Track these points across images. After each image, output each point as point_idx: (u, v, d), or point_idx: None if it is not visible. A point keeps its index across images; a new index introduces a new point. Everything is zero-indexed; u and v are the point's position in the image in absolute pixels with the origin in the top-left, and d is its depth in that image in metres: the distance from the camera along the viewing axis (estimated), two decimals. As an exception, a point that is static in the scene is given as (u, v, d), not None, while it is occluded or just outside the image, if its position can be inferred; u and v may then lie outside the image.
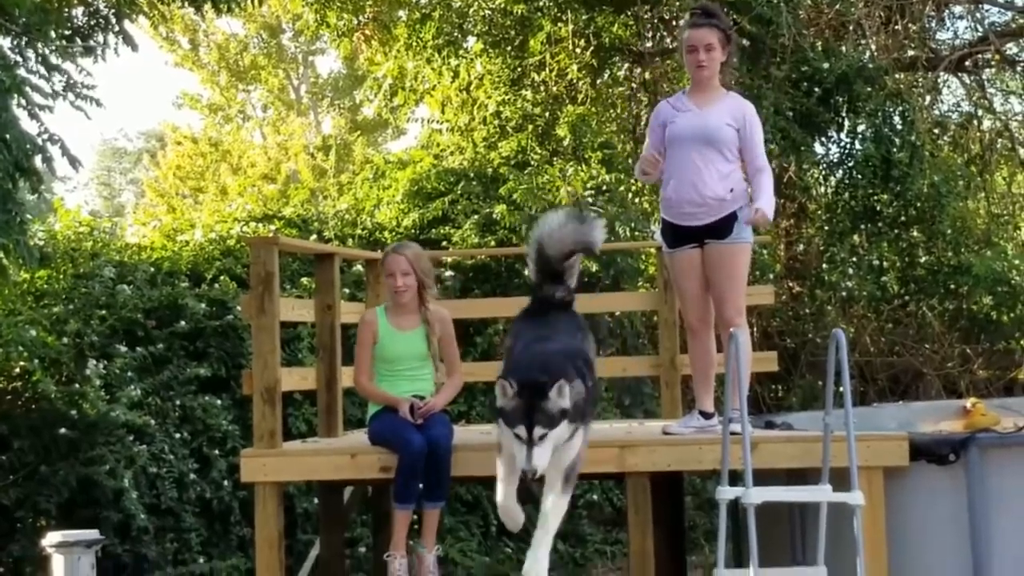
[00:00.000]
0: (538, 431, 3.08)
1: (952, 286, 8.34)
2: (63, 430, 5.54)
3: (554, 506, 3.30)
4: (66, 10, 6.02)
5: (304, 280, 6.51)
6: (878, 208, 8.25)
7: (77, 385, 5.70)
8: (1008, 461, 3.78)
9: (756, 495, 3.55)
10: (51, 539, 3.64)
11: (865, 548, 3.51)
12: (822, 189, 9.12)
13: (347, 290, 5.87)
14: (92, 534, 3.72)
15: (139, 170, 23.88)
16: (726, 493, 3.70)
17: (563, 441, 3.18)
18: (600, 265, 7.24)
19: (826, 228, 8.61)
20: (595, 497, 7.02)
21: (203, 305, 6.20)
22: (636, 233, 7.55)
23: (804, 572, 3.74)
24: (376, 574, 4.98)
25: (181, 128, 16.21)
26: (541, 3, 8.89)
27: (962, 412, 5.21)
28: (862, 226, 8.36)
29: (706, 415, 4.11)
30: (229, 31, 16.06)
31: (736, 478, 3.70)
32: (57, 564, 3.57)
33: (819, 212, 8.88)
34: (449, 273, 7.09)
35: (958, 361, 8.46)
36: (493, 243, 7.36)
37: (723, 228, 3.99)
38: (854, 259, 8.42)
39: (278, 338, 4.14)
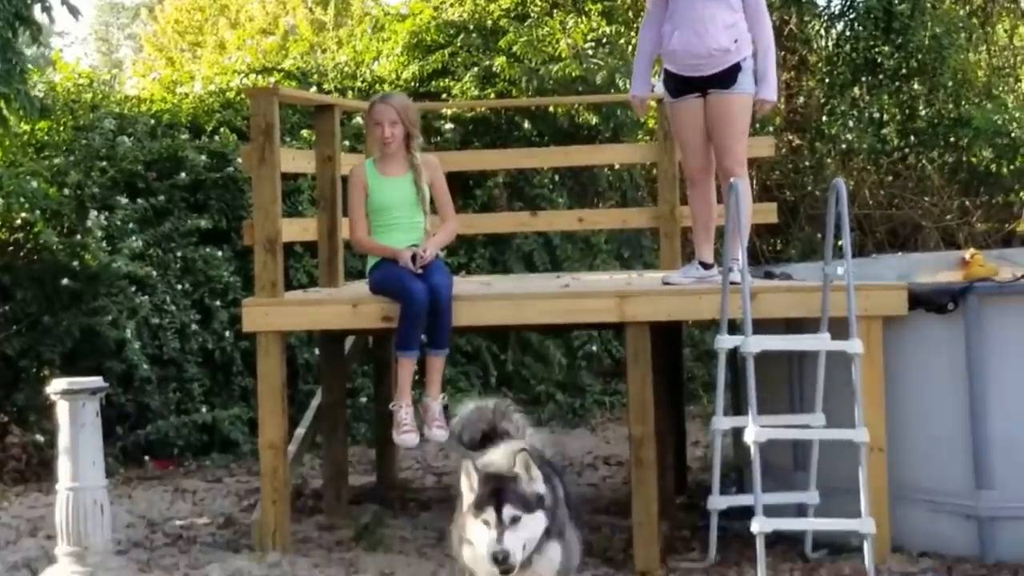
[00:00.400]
0: (509, 511, 2.72)
1: (952, 139, 8.38)
2: (65, 281, 5.65)
3: None
4: None
5: (304, 132, 6.49)
6: (879, 60, 8.24)
7: (78, 236, 5.76)
8: (1006, 310, 3.82)
9: (755, 344, 3.61)
10: (56, 386, 3.68)
11: (863, 396, 3.59)
12: (823, 41, 9.14)
13: (347, 143, 5.80)
14: (97, 381, 3.77)
15: (137, 25, 23.72)
16: (725, 342, 3.75)
17: (536, 537, 2.75)
18: (600, 118, 7.22)
19: (827, 80, 8.61)
20: (594, 348, 7.17)
21: (203, 157, 6.19)
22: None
23: (802, 419, 3.84)
24: (378, 424, 5.12)
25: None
26: None
27: (961, 263, 5.22)
28: (863, 78, 8.36)
29: (706, 265, 4.13)
30: None
31: (735, 328, 3.75)
32: (62, 410, 3.63)
33: (820, 64, 8.84)
34: (449, 126, 7.11)
35: (957, 214, 8.51)
36: (493, 95, 7.30)
37: (727, 78, 3.98)
38: (854, 111, 8.47)
39: (279, 188, 4.11)
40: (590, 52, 7.56)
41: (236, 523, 4.56)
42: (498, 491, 2.75)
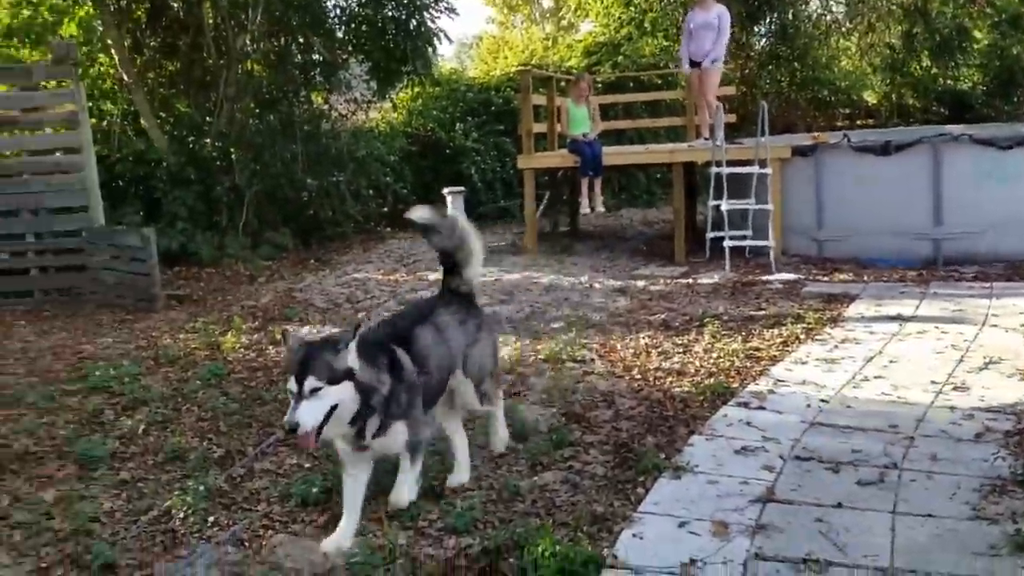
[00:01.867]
0: (310, 382, 2.93)
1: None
2: (448, 151, 12.14)
3: (404, 473, 3.44)
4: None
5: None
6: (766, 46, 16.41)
7: (455, 133, 12.23)
8: (830, 155, 9.20)
9: (726, 171, 9.18)
10: (445, 191, 9.96)
11: (771, 191, 9.06)
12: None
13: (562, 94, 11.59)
14: (461, 189, 9.93)
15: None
16: (713, 170, 9.33)
17: (349, 403, 3.05)
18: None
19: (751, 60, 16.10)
20: (658, 175, 12.92)
21: (500, 101, 12.92)
22: None
23: (746, 202, 9.37)
24: (571, 207, 11.13)
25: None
26: None
27: (812, 138, 10.42)
28: (769, 64, 16.75)
29: (705, 138, 9.70)
30: None
31: (719, 165, 9.30)
32: (449, 200, 9.76)
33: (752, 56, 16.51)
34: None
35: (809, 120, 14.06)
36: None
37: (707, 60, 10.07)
38: (767, 70, 17.17)
39: (531, 113, 10.02)
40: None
41: (517, 245, 10.52)
42: (303, 361, 2.97)
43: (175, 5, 11.40)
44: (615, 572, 3.05)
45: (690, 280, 8.32)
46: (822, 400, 4.77)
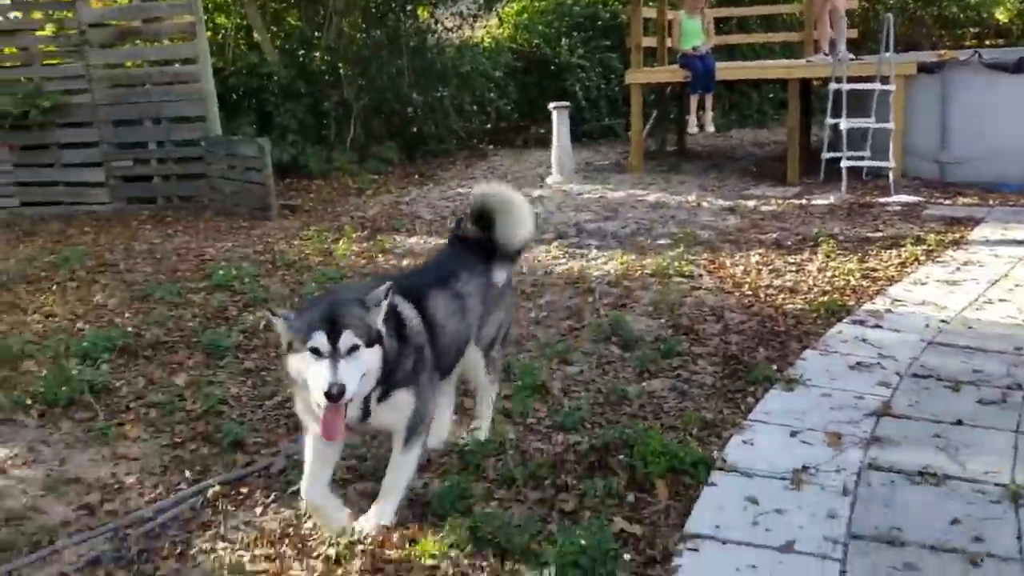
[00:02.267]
0: (347, 339, 2.37)
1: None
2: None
3: (399, 465, 2.73)
4: None
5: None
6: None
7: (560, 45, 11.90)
8: (959, 72, 8.65)
9: (846, 86, 8.75)
10: (551, 105, 9.81)
11: (894, 109, 8.62)
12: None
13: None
14: (566, 103, 9.75)
15: None
16: (832, 86, 8.91)
17: (375, 373, 2.47)
18: None
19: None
20: (771, 95, 12.46)
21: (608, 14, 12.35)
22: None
23: (866, 120, 8.94)
24: (678, 125, 10.92)
25: None
26: None
27: (937, 56, 9.70)
28: None
29: (825, 53, 9.24)
30: None
31: (837, 82, 8.87)
32: (555, 116, 9.80)
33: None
34: None
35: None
36: None
37: None
38: None
39: (641, 25, 9.74)
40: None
41: (622, 164, 10.40)
42: (333, 316, 2.39)
43: (287, -82, 11.43)
44: (724, 474, 3.06)
45: (803, 201, 8.07)
46: (942, 320, 4.60)
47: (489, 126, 12.75)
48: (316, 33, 11.14)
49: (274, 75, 10.42)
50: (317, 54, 10.86)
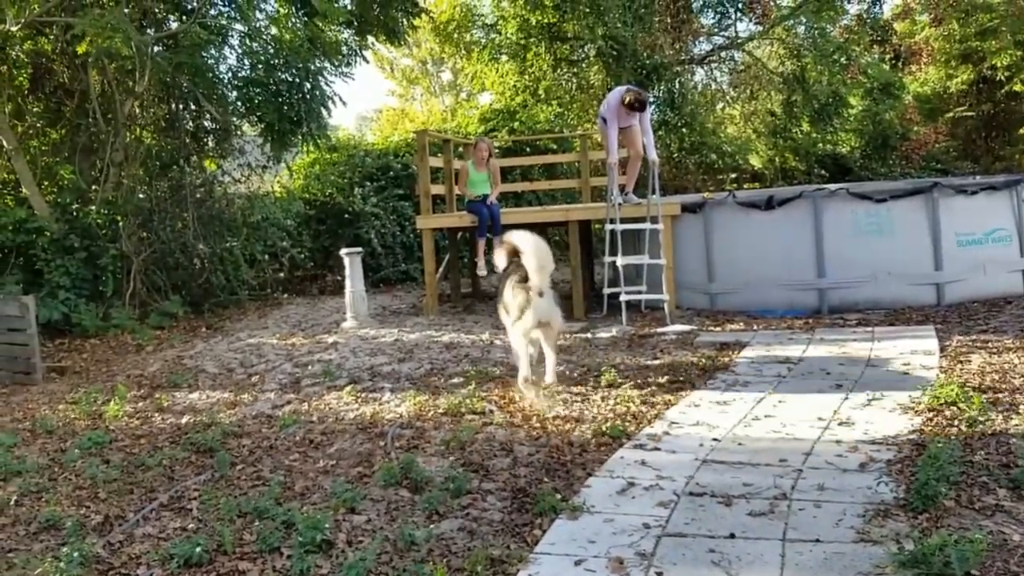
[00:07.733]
0: None
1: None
2: (345, 215, 11.91)
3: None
4: None
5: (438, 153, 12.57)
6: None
7: (352, 198, 12.00)
8: (718, 211, 9.53)
9: (620, 227, 9.35)
10: (343, 252, 9.87)
11: (663, 246, 9.30)
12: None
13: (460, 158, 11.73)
14: (359, 250, 9.79)
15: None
16: (608, 227, 9.50)
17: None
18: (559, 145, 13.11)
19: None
20: (556, 239, 13.16)
21: (399, 166, 12.69)
22: None
23: (640, 257, 9.56)
24: (470, 267, 11.16)
25: None
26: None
27: (702, 197, 10.84)
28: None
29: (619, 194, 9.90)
30: None
31: (613, 223, 9.48)
32: (347, 262, 9.79)
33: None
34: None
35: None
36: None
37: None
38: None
39: (428, 174, 10.08)
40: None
41: (417, 307, 10.48)
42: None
43: (60, 71, 11.13)
44: (510, 613, 2.98)
45: (589, 335, 8.41)
46: (714, 439, 4.84)
47: (283, 275, 12.59)
48: (93, 186, 10.72)
49: (45, 230, 9.86)
50: (93, 207, 10.41)
